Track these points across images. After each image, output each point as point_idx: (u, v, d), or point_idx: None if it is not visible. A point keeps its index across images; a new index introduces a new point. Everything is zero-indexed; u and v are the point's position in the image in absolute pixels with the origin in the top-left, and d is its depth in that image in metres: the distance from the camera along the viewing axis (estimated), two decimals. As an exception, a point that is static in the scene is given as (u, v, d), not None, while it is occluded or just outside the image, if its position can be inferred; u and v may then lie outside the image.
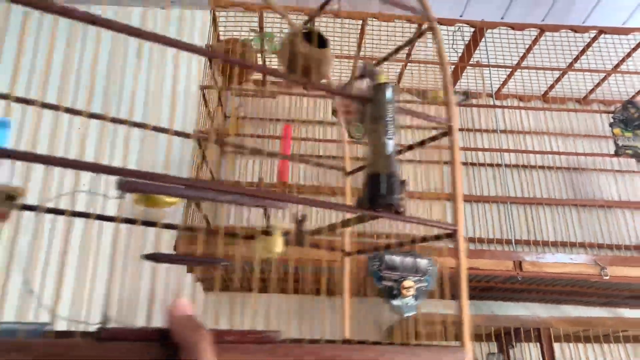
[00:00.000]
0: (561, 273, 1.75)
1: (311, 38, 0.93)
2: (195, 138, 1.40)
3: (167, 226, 0.70)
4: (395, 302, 0.69)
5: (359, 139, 1.80)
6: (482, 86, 2.43)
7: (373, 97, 0.69)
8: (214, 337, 0.49)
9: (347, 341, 0.71)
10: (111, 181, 0.55)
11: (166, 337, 0.50)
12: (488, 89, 2.39)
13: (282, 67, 0.95)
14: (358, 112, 0.70)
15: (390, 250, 0.66)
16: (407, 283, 0.67)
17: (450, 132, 0.75)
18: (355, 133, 1.81)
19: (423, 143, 0.78)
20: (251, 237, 0.81)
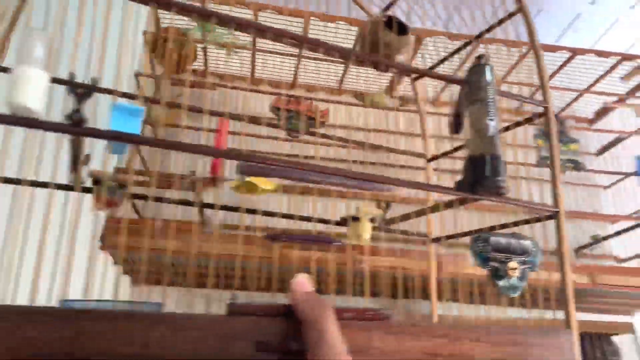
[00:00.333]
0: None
1: (391, 25, 0.94)
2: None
3: (266, 213, 0.72)
4: (501, 283, 0.69)
5: (297, 137, 1.80)
6: (418, 93, 2.46)
7: (472, 80, 0.69)
8: (335, 314, 0.51)
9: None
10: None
11: (290, 312, 0.52)
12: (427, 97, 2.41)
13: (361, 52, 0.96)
14: (461, 95, 0.70)
15: (491, 232, 0.67)
16: (512, 264, 0.67)
17: (546, 114, 0.75)
18: (291, 133, 1.80)
19: (519, 124, 0.77)
20: (344, 223, 0.83)
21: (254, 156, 0.51)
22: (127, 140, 0.51)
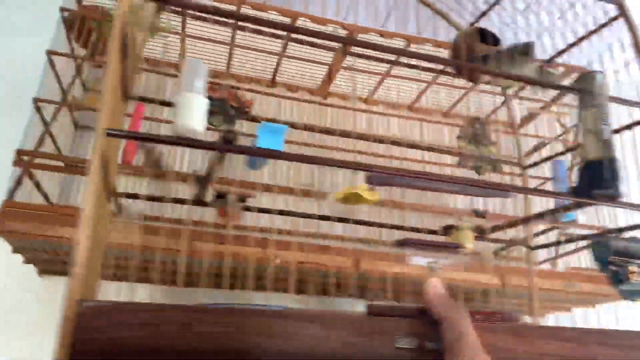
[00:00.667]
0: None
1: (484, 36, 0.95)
2: (36, 107, 1.27)
3: (358, 222, 0.76)
4: (622, 287, 0.69)
5: (217, 127, 1.74)
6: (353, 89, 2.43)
7: (585, 86, 0.70)
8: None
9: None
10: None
11: (426, 314, 0.55)
12: (360, 94, 2.37)
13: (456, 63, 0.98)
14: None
15: (605, 236, 0.67)
16: (633, 268, 0.67)
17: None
18: (213, 121, 1.75)
19: (629, 127, 0.77)
20: (446, 232, 0.85)
21: (376, 166, 0.55)
22: (274, 157, 0.56)
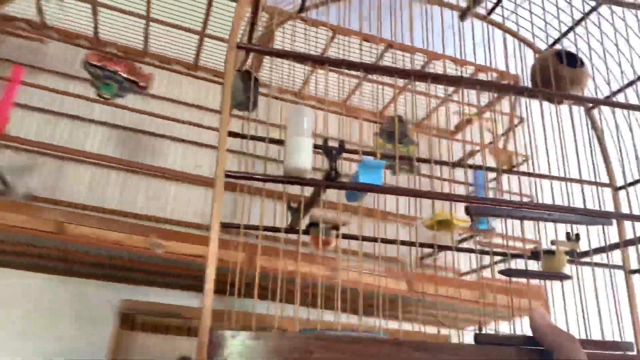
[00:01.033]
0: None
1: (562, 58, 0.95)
2: None
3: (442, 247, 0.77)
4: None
5: (108, 99, 1.68)
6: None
7: None
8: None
9: None
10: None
11: (534, 342, 0.55)
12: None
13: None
14: None
15: None
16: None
17: None
18: (103, 92, 1.69)
19: None
20: (535, 257, 0.84)
21: (484, 198, 0.56)
22: (375, 191, 0.60)
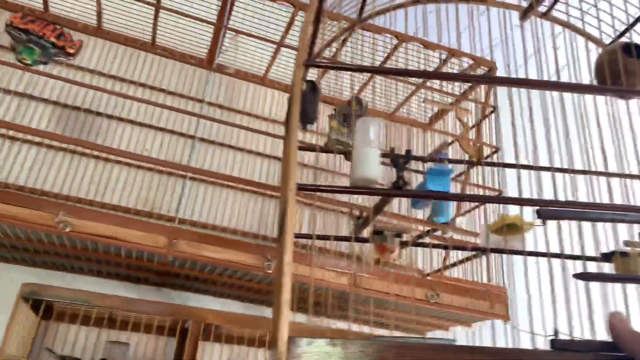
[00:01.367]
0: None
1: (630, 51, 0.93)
2: None
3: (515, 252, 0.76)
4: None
5: (29, 65, 1.60)
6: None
7: None
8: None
9: None
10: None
11: (612, 348, 0.54)
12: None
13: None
14: None
15: None
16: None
17: None
18: (24, 57, 1.61)
19: None
20: (607, 259, 0.82)
21: (557, 201, 0.56)
22: (442, 198, 0.61)
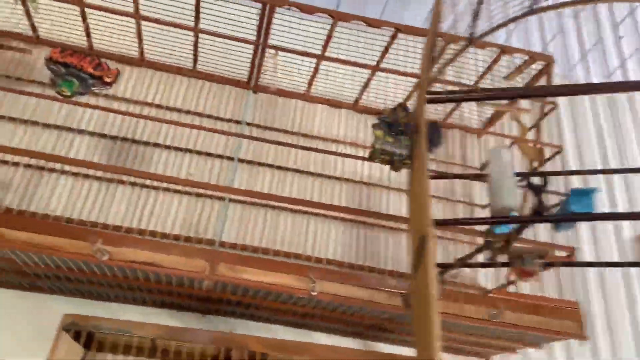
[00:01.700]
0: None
1: None
2: None
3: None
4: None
5: (68, 97, 1.61)
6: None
7: None
8: None
9: None
10: None
11: None
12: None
13: None
14: None
15: None
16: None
17: None
18: (63, 89, 1.63)
19: None
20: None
21: None
22: (584, 220, 0.60)
